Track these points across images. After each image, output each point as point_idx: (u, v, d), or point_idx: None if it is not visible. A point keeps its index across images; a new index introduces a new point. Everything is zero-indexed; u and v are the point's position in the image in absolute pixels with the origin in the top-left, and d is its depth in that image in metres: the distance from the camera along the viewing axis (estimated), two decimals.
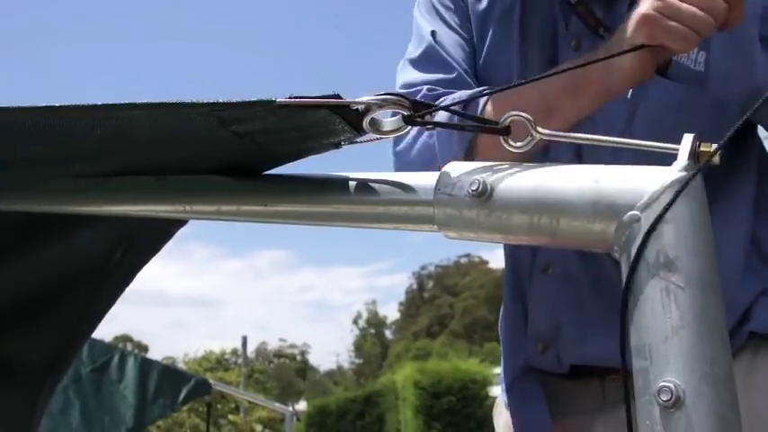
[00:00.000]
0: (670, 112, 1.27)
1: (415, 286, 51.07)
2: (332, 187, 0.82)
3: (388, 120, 0.77)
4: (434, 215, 0.74)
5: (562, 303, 1.35)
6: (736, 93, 1.29)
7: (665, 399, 0.60)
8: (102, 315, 1.23)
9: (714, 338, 0.60)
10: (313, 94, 0.73)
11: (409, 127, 0.76)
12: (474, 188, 0.71)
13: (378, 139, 0.79)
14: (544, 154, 1.34)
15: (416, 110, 0.75)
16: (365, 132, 0.77)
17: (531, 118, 0.74)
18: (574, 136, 0.78)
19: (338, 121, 0.75)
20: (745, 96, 1.29)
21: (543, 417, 1.37)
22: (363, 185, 0.81)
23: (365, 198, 0.80)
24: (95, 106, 0.76)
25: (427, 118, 0.77)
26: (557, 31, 1.38)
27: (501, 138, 0.75)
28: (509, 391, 1.41)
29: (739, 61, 1.27)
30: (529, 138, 0.74)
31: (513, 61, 1.41)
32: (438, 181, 0.74)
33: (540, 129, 0.74)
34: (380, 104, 0.75)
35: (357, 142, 0.82)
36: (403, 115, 0.75)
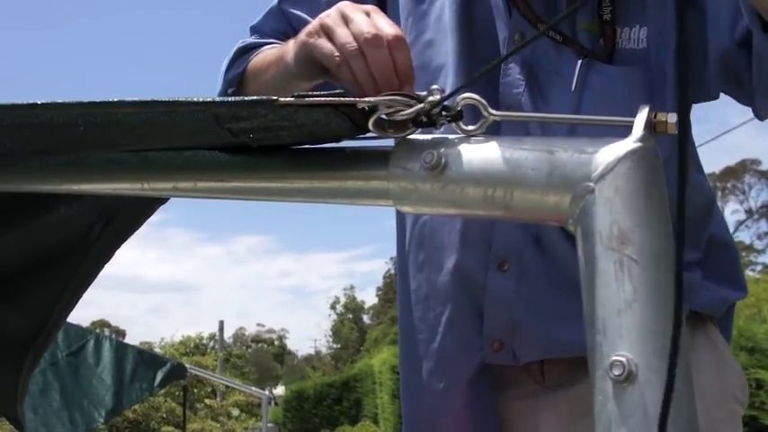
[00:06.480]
0: (614, 96, 1.25)
1: (392, 271, 51.06)
2: (287, 162, 0.80)
3: (395, 119, 0.74)
4: (389, 189, 0.73)
5: (519, 302, 1.31)
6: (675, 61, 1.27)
7: (617, 373, 0.59)
8: (83, 290, 1.23)
9: (667, 312, 0.59)
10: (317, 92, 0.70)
11: (417, 129, 0.74)
12: (428, 161, 0.70)
13: (381, 138, 0.76)
14: None
15: (426, 111, 0.73)
16: (369, 131, 0.74)
17: (483, 101, 0.73)
18: (527, 115, 0.77)
19: (343, 119, 0.73)
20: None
21: (492, 418, 1.35)
22: (318, 160, 0.79)
23: (320, 173, 0.78)
24: (81, 103, 0.73)
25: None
26: (495, 24, 1.34)
27: (453, 124, 0.73)
28: (471, 388, 1.36)
29: (675, 29, 1.26)
30: (482, 120, 0.73)
31: (449, 53, 1.36)
32: (392, 154, 0.73)
33: (491, 110, 0.73)
34: (388, 104, 0.72)
35: (358, 139, 0.80)
36: (411, 116, 0.73)
